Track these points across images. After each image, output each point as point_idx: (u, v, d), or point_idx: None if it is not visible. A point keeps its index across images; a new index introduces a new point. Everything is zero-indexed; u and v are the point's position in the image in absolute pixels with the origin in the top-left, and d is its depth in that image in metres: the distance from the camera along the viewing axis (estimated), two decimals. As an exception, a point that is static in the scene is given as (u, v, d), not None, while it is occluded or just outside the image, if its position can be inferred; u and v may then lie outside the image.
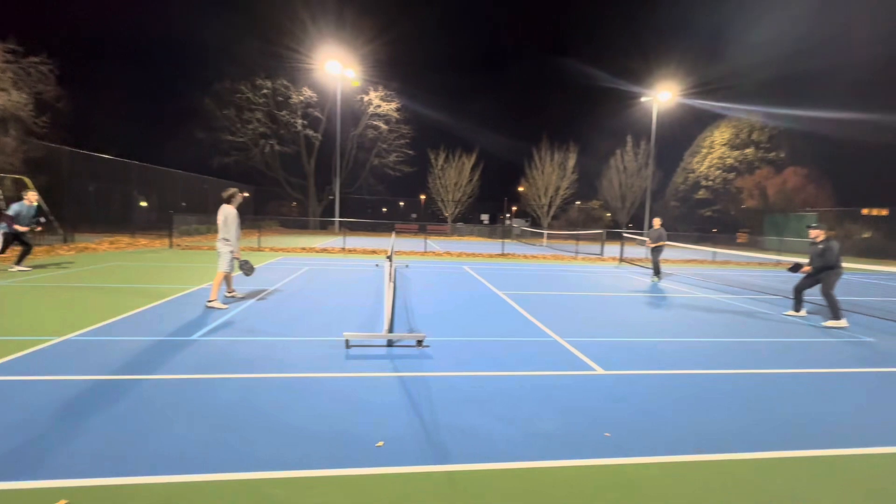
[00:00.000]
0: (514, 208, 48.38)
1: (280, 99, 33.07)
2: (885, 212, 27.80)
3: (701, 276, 12.62)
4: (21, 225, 8.52)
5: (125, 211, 20.58)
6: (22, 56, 13.97)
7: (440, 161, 35.64)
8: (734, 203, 36.48)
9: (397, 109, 35.89)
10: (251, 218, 27.77)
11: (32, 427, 2.61)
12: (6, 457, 2.29)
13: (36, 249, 11.15)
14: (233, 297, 6.63)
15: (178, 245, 14.99)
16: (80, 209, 16.60)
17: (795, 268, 7.08)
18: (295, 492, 2.10)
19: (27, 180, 13.64)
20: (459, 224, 38.20)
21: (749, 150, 37.67)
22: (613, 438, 2.77)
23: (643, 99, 32.38)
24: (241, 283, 7.64)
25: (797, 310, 7.14)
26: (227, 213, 6.10)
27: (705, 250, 17.53)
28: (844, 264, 6.69)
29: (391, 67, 36.81)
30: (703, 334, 5.65)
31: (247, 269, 6.60)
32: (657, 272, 10.87)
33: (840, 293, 8.98)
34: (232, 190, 6.29)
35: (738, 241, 33.38)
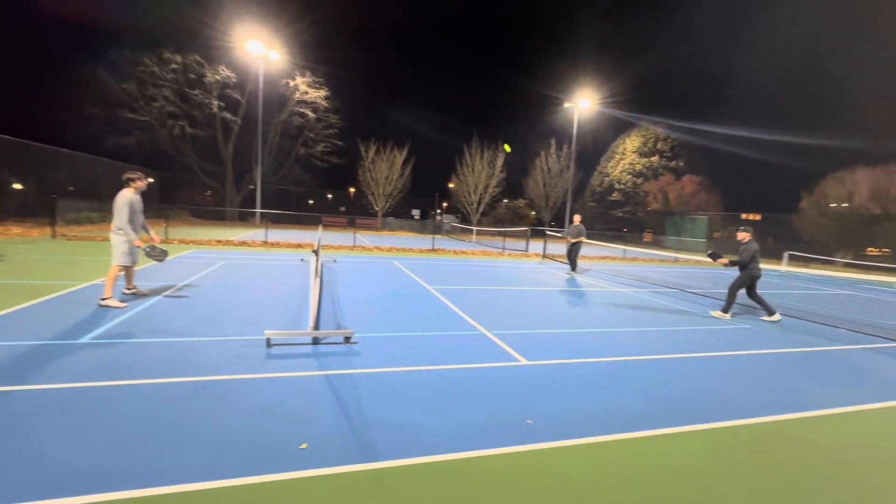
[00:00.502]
0: (444, 204, 48.95)
1: (192, 76, 30.02)
2: (758, 217, 32.60)
3: (613, 271, 13.77)
4: None
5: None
6: None
7: (371, 153, 34.84)
8: (642, 205, 40.38)
9: (326, 98, 34.43)
10: (157, 206, 25.02)
11: None
12: None
13: None
14: (133, 293, 5.94)
15: (64, 235, 13.06)
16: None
17: (713, 256, 7.74)
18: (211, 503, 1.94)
19: None
20: (390, 219, 37.78)
21: (654, 158, 41.86)
22: (535, 425, 2.93)
23: (566, 105, 34.41)
24: (146, 280, 6.86)
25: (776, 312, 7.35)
26: (119, 199, 5.42)
27: (617, 248, 19.15)
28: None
29: (320, 51, 35.05)
30: (614, 325, 6.17)
31: (156, 255, 5.96)
32: (573, 267, 11.65)
33: (715, 285, 10.29)
34: (134, 174, 5.62)
35: (644, 240, 37.03)
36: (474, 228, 28.69)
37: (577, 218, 11.77)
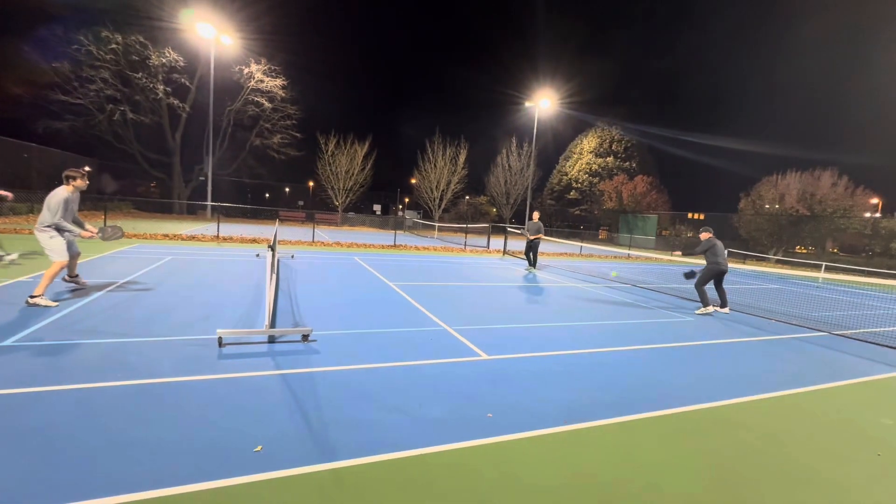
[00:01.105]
0: (406, 200, 48.64)
1: (135, 58, 27.96)
2: (702, 216, 34.77)
3: (570, 267, 14.24)
4: None
5: None
6: None
7: (331, 146, 33.97)
8: (597, 204, 41.98)
9: (283, 87, 33.13)
10: (95, 197, 23.20)
11: None
12: None
13: None
14: (75, 282, 5.66)
15: (-15, 227, 11.84)
16: None
17: (690, 274, 7.89)
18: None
19: None
20: (350, 214, 37.07)
21: (609, 159, 43.62)
22: (495, 418, 2.98)
23: (527, 104, 35.06)
24: (82, 275, 6.34)
25: (712, 304, 7.75)
26: (53, 196, 5.14)
27: (574, 244, 19.81)
28: (671, 257, 8.17)
29: (277, 38, 33.65)
30: (572, 319, 6.39)
31: (112, 234, 5.82)
32: (533, 263, 11.93)
33: (660, 280, 10.89)
34: (75, 172, 5.35)
35: (600, 237, 38.55)
36: (436, 224, 28.74)
37: (535, 215, 12.03)
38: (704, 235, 7.96)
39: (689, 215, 35.82)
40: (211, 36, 25.96)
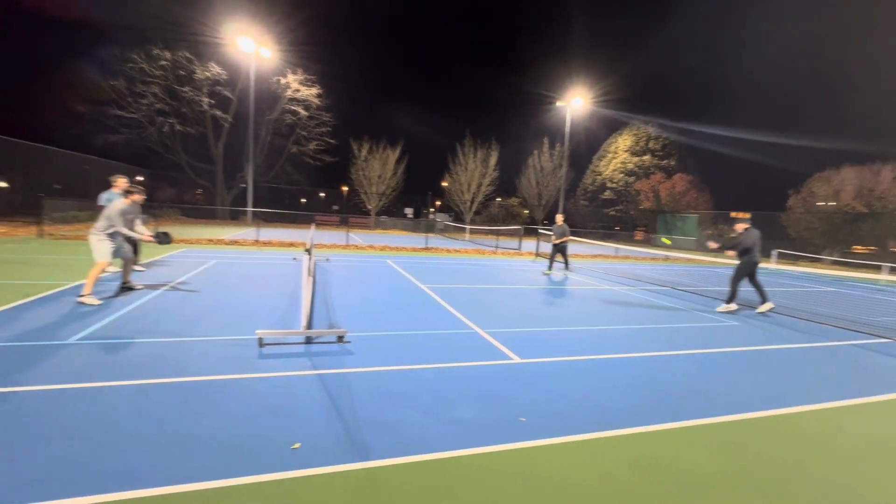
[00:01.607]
0: (437, 203, 48.92)
1: (182, 73, 29.65)
2: (748, 215, 32.98)
3: (605, 269, 13.86)
4: None
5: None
6: None
7: (363, 152, 34.71)
8: (633, 204, 40.69)
9: (318, 95, 34.19)
10: (146, 205, 24.75)
11: None
12: None
13: None
14: (128, 288, 6.12)
15: (51, 234, 12.85)
16: None
17: (707, 245, 7.88)
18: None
19: None
20: (383, 217, 37.66)
21: (646, 157, 42.21)
22: (529, 423, 2.94)
23: (558, 104, 34.50)
24: (135, 278, 6.77)
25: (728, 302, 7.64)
26: (114, 208, 5.67)
27: (609, 246, 19.29)
28: (714, 259, 7.78)
29: (312, 49, 34.76)
30: (607, 322, 6.21)
31: (163, 239, 6.28)
32: (566, 265, 11.69)
33: (700, 283, 10.41)
34: (134, 188, 6.06)
35: (636, 237, 37.33)
36: (467, 227, 28.71)
37: (559, 218, 11.71)
38: (742, 226, 7.61)
39: (733, 214, 34.05)
40: (251, 49, 27.16)
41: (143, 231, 6.12)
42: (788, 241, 28.03)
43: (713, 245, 7.87)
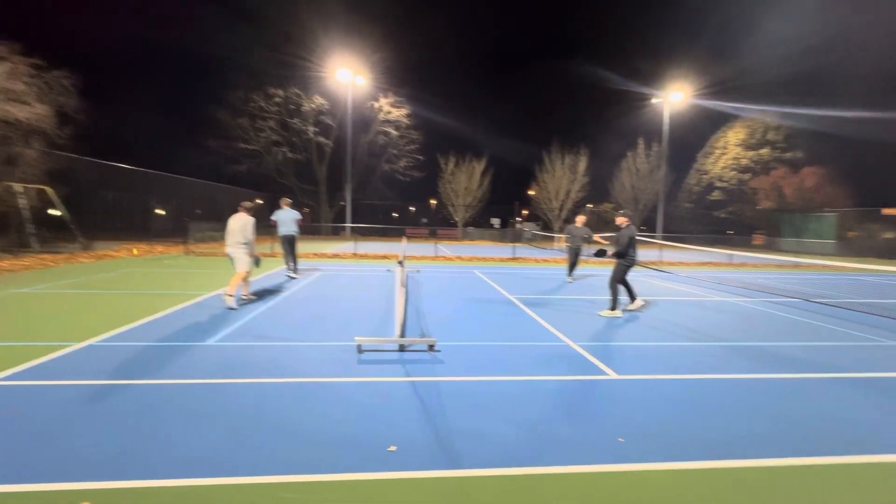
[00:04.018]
0: (525, 212, 48.20)
1: (292, 107, 33.61)
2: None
3: (717, 278, 12.40)
4: None
5: (143, 219, 21.07)
6: (45, 70, 14.39)
7: (450, 166, 35.78)
8: (749, 204, 35.81)
9: (407, 115, 36.27)
10: (265, 224, 28.21)
11: (55, 430, 2.68)
12: (31, 459, 2.36)
13: (56, 257, 11.48)
14: (248, 300, 6.87)
15: (193, 252, 15.26)
16: (99, 218, 17.07)
17: (600, 253, 6.92)
18: (307, 496, 2.13)
19: (49, 190, 14.05)
20: (470, 228, 38.19)
21: (764, 151, 37.00)
22: (627, 444, 2.74)
23: (654, 100, 32.09)
24: (254, 288, 7.74)
25: (630, 300, 7.08)
26: (248, 222, 6.63)
27: (720, 252, 17.23)
28: (861, 265, 6.51)
29: (401, 73, 37.03)
30: (720, 337, 5.55)
31: (257, 262, 7.00)
32: (570, 271, 10.65)
33: (854, 295, 8.79)
34: (251, 203, 6.91)
35: (755, 242, 32.75)
36: (556, 236, 27.82)
37: (580, 219, 10.33)
38: (622, 220, 6.62)
39: (885, 211, 28.00)
40: (348, 80, 29.79)
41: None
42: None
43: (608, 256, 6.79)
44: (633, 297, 7.08)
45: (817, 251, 26.88)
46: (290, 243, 9.63)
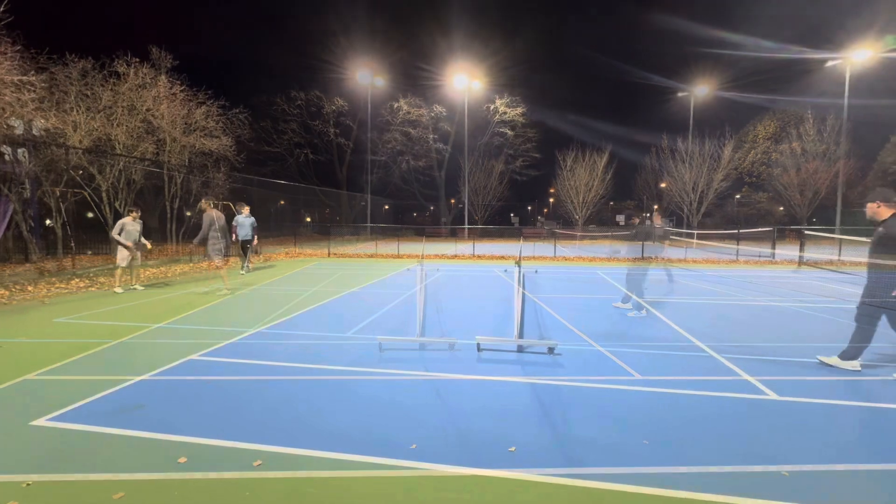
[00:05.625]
0: (655, 207, 43.70)
1: (313, 109, 34.86)
2: None
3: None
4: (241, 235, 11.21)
5: (293, 226, 24.76)
6: (228, 108, 17.82)
7: (569, 161, 34.22)
8: None
9: (522, 114, 35.89)
10: (393, 227, 30.75)
11: (231, 399, 3.31)
12: (211, 421, 2.96)
13: (254, 258, 14.16)
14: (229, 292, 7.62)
15: (335, 254, 17.35)
16: (264, 226, 20.61)
17: None
18: (438, 484, 2.27)
19: (233, 205, 17.41)
20: (591, 226, 36.04)
21: None
22: (791, 477, 2.30)
23: (831, 61, 26.08)
24: (389, 287, 8.46)
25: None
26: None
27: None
28: None
29: (514, 74, 36.91)
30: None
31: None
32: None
33: None
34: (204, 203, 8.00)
35: None
36: (695, 232, 24.59)
37: (656, 217, 8.31)
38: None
39: None
40: (464, 85, 30.71)
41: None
42: None
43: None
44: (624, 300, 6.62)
45: None
46: (246, 246, 11.25)
